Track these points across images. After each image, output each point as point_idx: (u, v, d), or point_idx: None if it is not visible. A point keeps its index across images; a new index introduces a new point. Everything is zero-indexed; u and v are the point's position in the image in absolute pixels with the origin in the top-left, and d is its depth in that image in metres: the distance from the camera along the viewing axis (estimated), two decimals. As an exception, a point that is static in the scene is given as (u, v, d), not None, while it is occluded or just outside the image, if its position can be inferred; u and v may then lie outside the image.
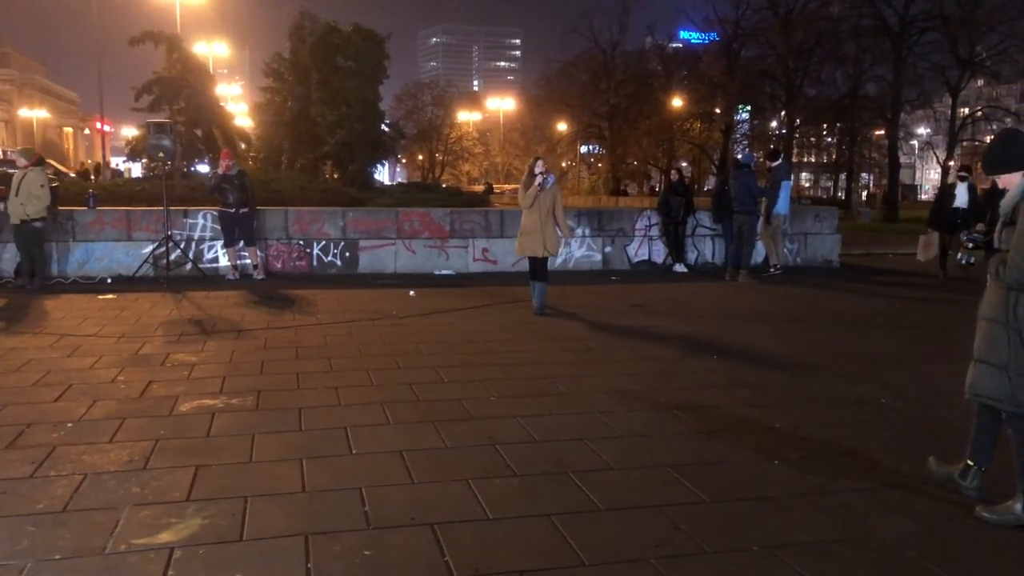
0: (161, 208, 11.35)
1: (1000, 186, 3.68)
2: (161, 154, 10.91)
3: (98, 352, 6.82)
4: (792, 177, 13.54)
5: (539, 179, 8.56)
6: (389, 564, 3.16)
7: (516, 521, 3.57)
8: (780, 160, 12.88)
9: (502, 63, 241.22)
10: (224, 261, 11.89)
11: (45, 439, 4.56)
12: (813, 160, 62.72)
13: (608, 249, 13.29)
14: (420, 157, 76.57)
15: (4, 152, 72.61)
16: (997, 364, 3.55)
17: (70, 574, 3.06)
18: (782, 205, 12.53)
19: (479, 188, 60.48)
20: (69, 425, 4.83)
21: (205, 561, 3.17)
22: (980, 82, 44.00)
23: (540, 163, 8.75)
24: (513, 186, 77.31)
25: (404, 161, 76.37)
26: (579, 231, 13.13)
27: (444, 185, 50.83)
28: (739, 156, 14.29)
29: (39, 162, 10.74)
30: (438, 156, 75.58)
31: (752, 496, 3.90)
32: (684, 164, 54.35)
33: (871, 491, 3.98)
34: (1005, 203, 3.59)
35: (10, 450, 4.39)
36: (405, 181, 65.98)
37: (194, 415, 5.08)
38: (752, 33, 41.22)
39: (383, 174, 52.39)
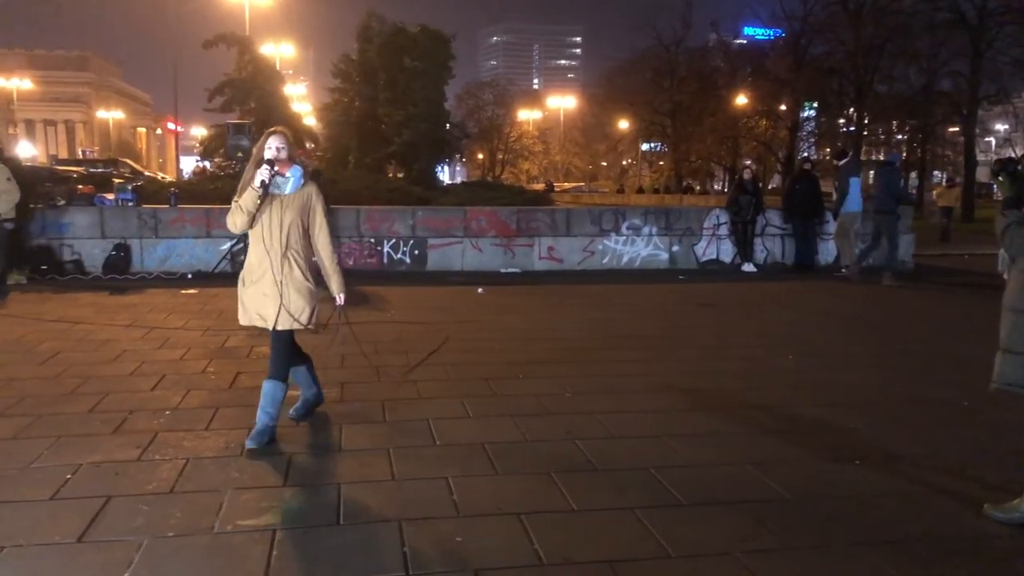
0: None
1: None
2: (240, 154, 11.29)
3: (186, 344, 7.13)
4: (861, 175, 13.25)
5: (263, 173, 4.25)
6: (481, 550, 3.27)
7: (600, 513, 3.66)
8: (848, 158, 12.68)
9: (562, 61, 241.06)
10: (298, 258, 12.21)
11: (147, 425, 4.82)
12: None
13: (675, 248, 13.24)
14: (480, 156, 77.07)
15: (83, 152, 75.78)
16: (1020, 352, 3.56)
17: (184, 551, 3.25)
18: (854, 203, 12.32)
19: (539, 186, 60.59)
20: (167, 413, 5.09)
21: (307, 543, 3.34)
22: (1063, 76, 42.18)
23: (276, 140, 4.35)
24: (574, 184, 77.45)
25: (464, 160, 77.09)
26: (645, 230, 13.12)
27: (512, 184, 51.01)
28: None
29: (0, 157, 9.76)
30: (499, 155, 75.93)
31: (834, 494, 3.91)
32: (748, 163, 53.56)
33: (956, 493, 3.94)
34: None
35: (117, 435, 4.65)
36: (465, 180, 66.51)
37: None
38: (820, 29, 40.32)
39: (444, 173, 52.93)
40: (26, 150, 75.96)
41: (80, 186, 16.10)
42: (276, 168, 4.32)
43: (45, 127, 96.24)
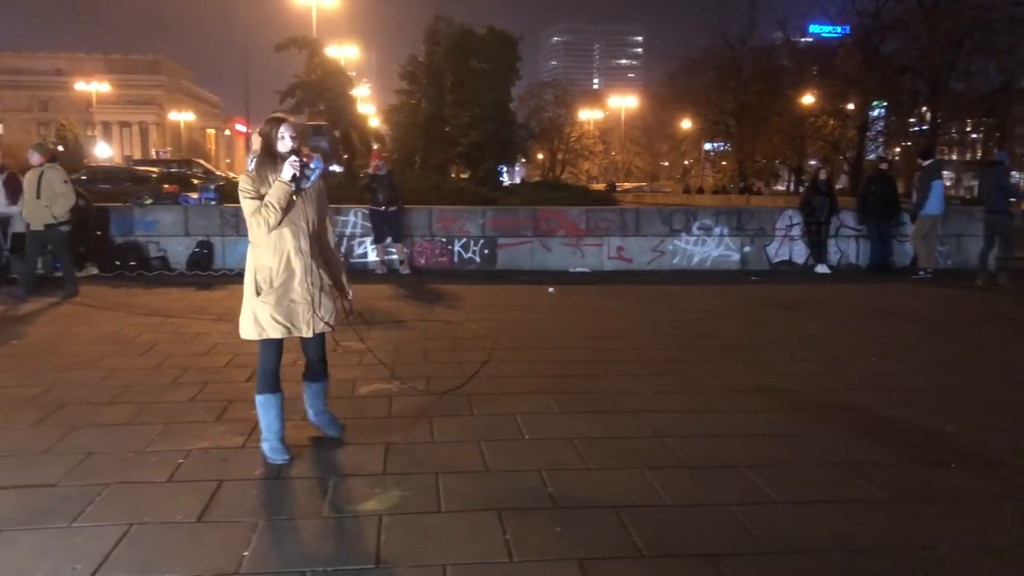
0: (316, 205, 12.02)
1: None
2: (319, 154, 11.60)
3: (274, 338, 7.35)
4: (943, 176, 12.96)
5: (293, 165, 3.98)
6: (582, 540, 3.36)
7: (695, 509, 3.71)
8: (932, 159, 12.38)
9: (623, 61, 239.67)
10: (372, 256, 12.51)
11: (247, 414, 4.99)
12: (955, 157, 59.35)
13: (747, 249, 13.10)
14: (540, 156, 77.18)
15: (156, 152, 78.35)
16: None
17: (298, 533, 3.42)
18: (934, 205, 12.04)
19: (599, 186, 60.45)
20: (264, 403, 5.28)
21: (412, 528, 3.46)
22: None
23: (288, 130, 4.12)
24: (635, 184, 76.97)
25: (525, 160, 77.41)
26: (717, 230, 13.03)
27: (575, 184, 50.92)
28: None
29: (54, 159, 9.66)
30: (559, 155, 75.92)
31: (931, 497, 3.88)
32: (814, 162, 52.63)
33: (1060, 499, 3.87)
34: None
35: (220, 423, 4.87)
36: (523, 179, 66.65)
37: (373, 397, 5.46)
38: (893, 25, 39.33)
39: (504, 173, 53.25)
40: (103, 151, 79.04)
41: (165, 185, 16.71)
42: (300, 159, 4.02)
43: (120, 129, 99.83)
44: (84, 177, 24.28)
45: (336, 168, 32.74)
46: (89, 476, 3.99)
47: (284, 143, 4.06)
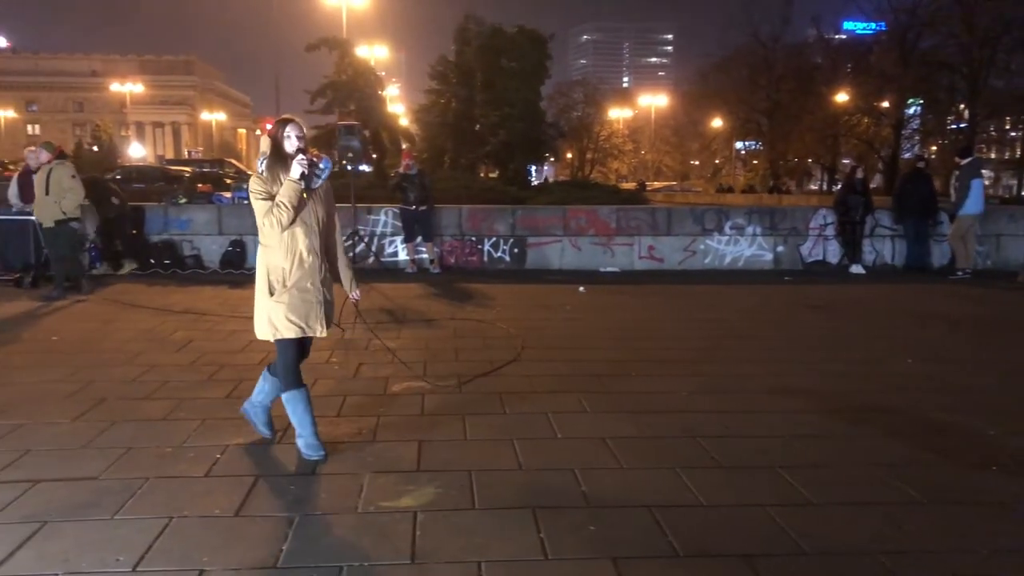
0: (347, 205, 12.14)
1: None
2: (350, 154, 11.71)
3: (307, 336, 7.42)
4: (983, 175, 12.71)
5: (302, 164, 4.01)
6: (616, 540, 3.35)
7: (730, 509, 3.68)
8: (971, 157, 12.14)
9: (653, 59, 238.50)
10: (403, 255, 12.58)
11: (282, 411, 4.99)
12: (994, 156, 58.32)
13: (780, 248, 12.98)
14: (569, 155, 77.04)
15: (188, 152, 79.42)
16: None
17: (333, 528, 3.45)
18: (974, 205, 11.82)
19: (629, 185, 60.20)
20: (299, 399, 5.33)
21: (447, 525, 3.48)
22: None
23: (295, 129, 4.08)
24: (665, 183, 76.59)
25: (553, 159, 77.40)
26: (749, 229, 12.92)
27: (605, 183, 50.63)
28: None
29: (61, 155, 9.64)
30: (588, 154, 75.76)
31: (972, 500, 3.82)
32: (847, 161, 51.98)
33: (1106, 504, 3.79)
34: None
35: (256, 419, 4.92)
36: (551, 179, 66.56)
37: (406, 395, 5.49)
38: (930, 22, 38.68)
39: (532, 173, 53.16)
40: (137, 151, 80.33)
41: (199, 185, 16.92)
42: (310, 156, 4.08)
43: (153, 129, 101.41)
44: (119, 177, 24.72)
45: (365, 168, 32.94)
46: (129, 470, 4.06)
47: (290, 143, 4.08)
